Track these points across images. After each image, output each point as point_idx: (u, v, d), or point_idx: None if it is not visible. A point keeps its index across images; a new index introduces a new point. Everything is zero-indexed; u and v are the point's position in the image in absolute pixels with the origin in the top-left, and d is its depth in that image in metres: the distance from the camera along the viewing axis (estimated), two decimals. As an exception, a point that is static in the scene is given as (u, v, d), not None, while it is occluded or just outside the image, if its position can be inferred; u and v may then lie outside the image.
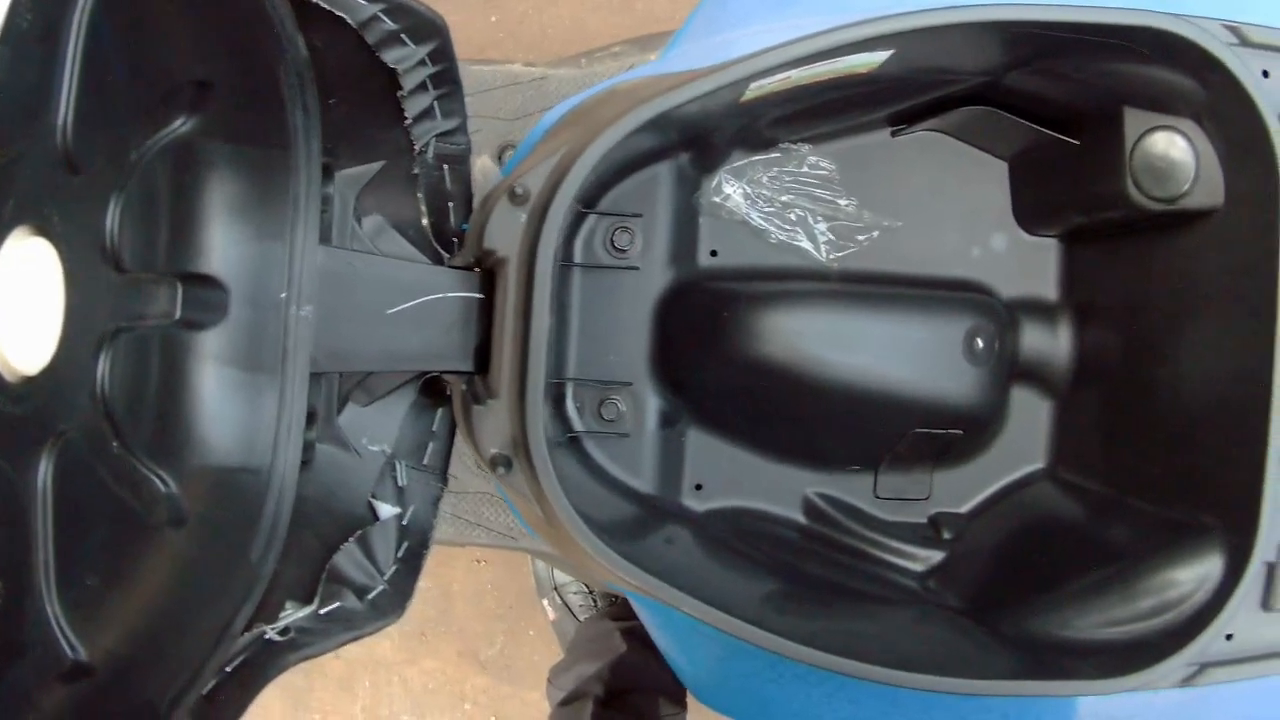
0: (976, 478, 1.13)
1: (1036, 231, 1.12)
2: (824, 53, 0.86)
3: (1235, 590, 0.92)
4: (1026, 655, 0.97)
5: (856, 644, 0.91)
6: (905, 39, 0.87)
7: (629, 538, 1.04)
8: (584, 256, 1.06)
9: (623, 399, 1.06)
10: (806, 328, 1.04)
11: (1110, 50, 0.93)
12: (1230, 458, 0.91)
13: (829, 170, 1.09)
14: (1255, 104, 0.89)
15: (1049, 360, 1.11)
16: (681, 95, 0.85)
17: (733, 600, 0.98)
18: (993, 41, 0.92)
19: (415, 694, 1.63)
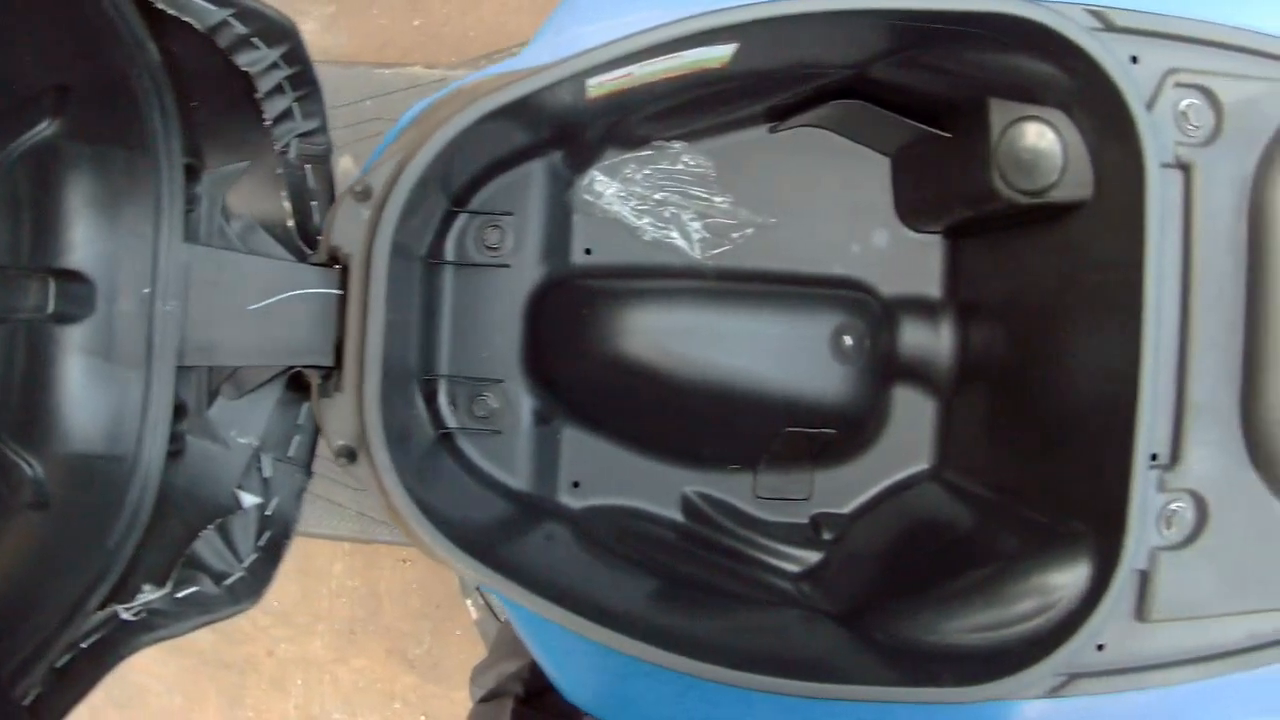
0: (859, 478, 1.11)
1: (919, 228, 1.10)
2: (655, 48, 0.86)
3: (1103, 598, 0.88)
4: (891, 660, 0.94)
5: (715, 644, 0.91)
6: (741, 31, 0.86)
7: (508, 535, 1.04)
8: (456, 254, 1.07)
9: (495, 396, 1.07)
10: (670, 325, 1.04)
11: (972, 39, 0.91)
12: (1101, 462, 0.89)
13: (705, 167, 1.08)
14: (1120, 91, 0.86)
15: (931, 359, 1.08)
16: (505, 96, 0.86)
17: (614, 599, 0.98)
18: (838, 32, 0.91)
19: (346, 692, 1.65)
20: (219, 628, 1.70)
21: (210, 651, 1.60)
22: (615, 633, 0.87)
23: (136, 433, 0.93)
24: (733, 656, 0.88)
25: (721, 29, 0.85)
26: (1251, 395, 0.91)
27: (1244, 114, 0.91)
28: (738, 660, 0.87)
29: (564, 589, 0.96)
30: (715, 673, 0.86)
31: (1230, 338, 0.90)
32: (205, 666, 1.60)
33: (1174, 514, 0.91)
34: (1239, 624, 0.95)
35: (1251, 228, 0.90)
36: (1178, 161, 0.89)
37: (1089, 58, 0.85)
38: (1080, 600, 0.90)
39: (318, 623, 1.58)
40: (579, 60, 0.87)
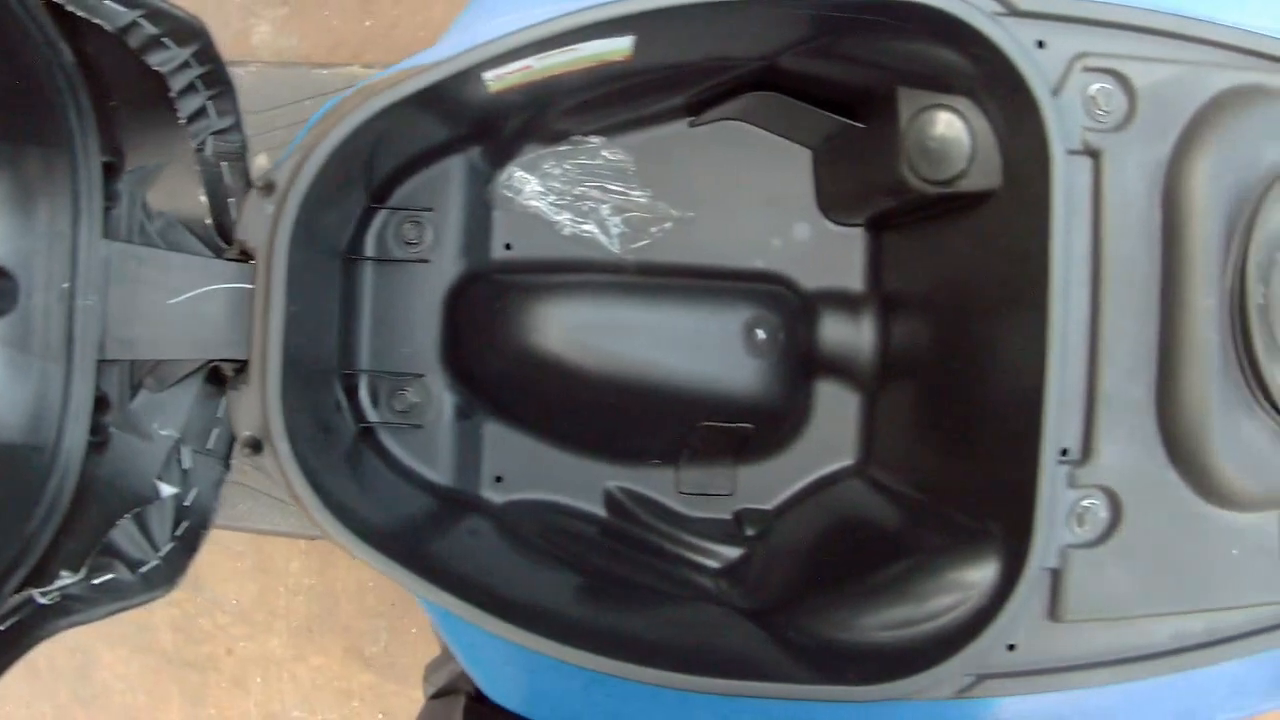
0: (783, 473, 1.10)
1: (840, 221, 1.08)
2: (544, 41, 0.86)
3: (1010, 597, 0.86)
4: (803, 658, 0.93)
5: (629, 640, 0.90)
6: (632, 24, 0.86)
7: (432, 530, 1.05)
8: (376, 250, 1.08)
9: (415, 390, 1.07)
10: (584, 319, 1.03)
11: (877, 27, 0.89)
12: (1012, 458, 0.87)
13: (624, 162, 1.08)
14: (1023, 77, 0.84)
15: (853, 354, 1.07)
16: (392, 96, 0.87)
17: (535, 594, 0.98)
18: (735, 23, 0.90)
19: (305, 690, 1.66)
20: (180, 626, 1.73)
21: (172, 650, 1.61)
22: (513, 625, 0.87)
23: (57, 424, 0.95)
24: (641, 652, 0.87)
25: (607, 22, 0.85)
26: (1167, 389, 0.88)
27: (1158, 98, 0.88)
28: (643, 656, 0.86)
29: (481, 584, 0.97)
30: (615, 667, 0.85)
31: (1144, 329, 0.87)
32: (168, 665, 1.62)
33: (1086, 511, 0.88)
34: (1163, 625, 0.92)
35: (1166, 215, 0.88)
36: (1086, 148, 0.87)
37: (990, 43, 0.83)
38: (989, 599, 0.88)
39: (275, 621, 1.60)
40: (467, 56, 0.87)
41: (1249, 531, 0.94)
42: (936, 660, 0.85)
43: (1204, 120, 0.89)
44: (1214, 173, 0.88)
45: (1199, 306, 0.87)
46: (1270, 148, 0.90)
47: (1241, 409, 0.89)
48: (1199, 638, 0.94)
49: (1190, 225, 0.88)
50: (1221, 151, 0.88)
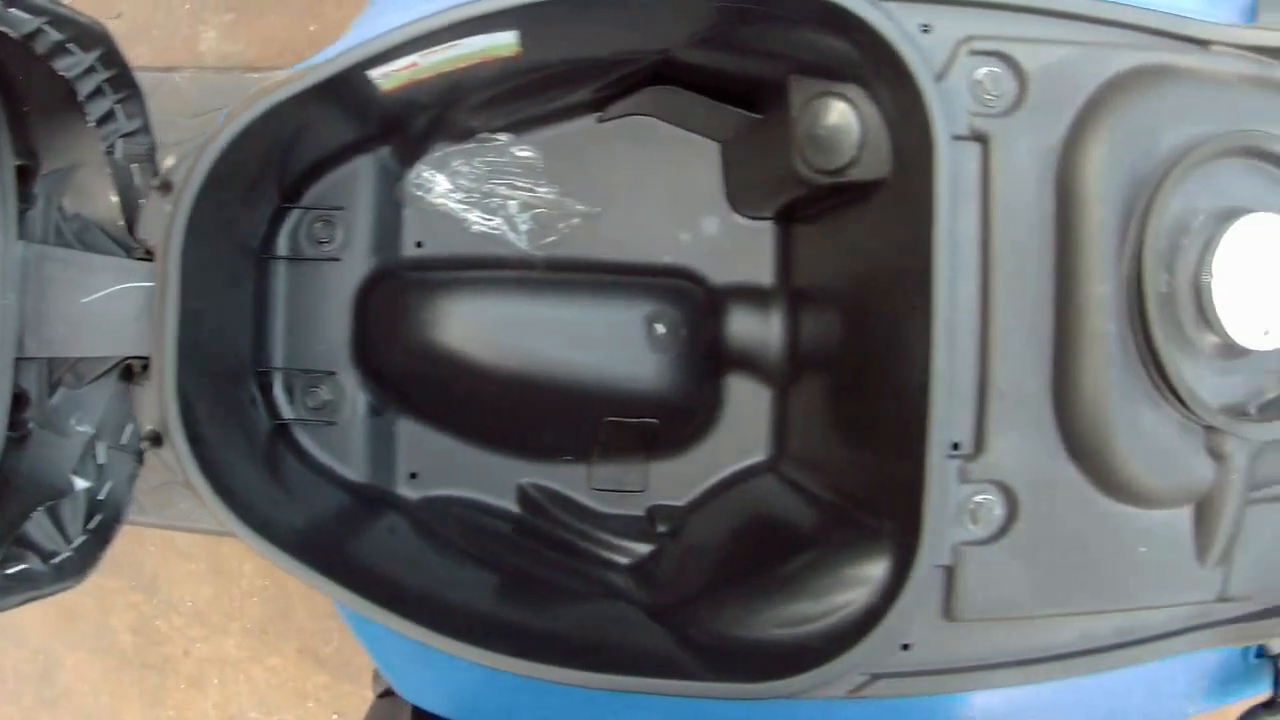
0: (696, 469, 1.09)
1: (748, 214, 1.07)
2: (420, 39, 0.86)
3: (900, 594, 0.84)
4: (701, 655, 0.92)
5: (528, 635, 0.91)
6: (504, 19, 0.86)
7: (350, 528, 1.05)
8: (289, 249, 1.08)
9: (328, 388, 1.08)
10: (488, 315, 1.03)
11: (765, 17, 0.88)
12: (903, 453, 0.84)
13: (532, 158, 1.08)
14: (905, 63, 0.82)
15: (762, 349, 1.05)
16: (276, 97, 0.87)
17: (449, 591, 0.98)
18: (613, 15, 0.89)
19: (261, 691, 1.67)
20: (139, 629, 1.75)
21: (131, 652, 1.64)
22: (410, 621, 0.87)
23: None
24: (543, 648, 0.86)
25: (479, 18, 0.84)
26: (1063, 381, 0.85)
27: (1051, 81, 0.85)
28: (544, 652, 0.86)
29: (396, 581, 0.97)
30: (510, 664, 0.85)
31: (1038, 320, 0.84)
32: (127, 667, 1.64)
33: (980, 507, 0.86)
34: (1069, 625, 0.89)
35: (1060, 202, 0.85)
36: (973, 133, 0.84)
37: (871, 29, 0.81)
38: (880, 597, 0.86)
39: (231, 622, 1.61)
40: (345, 57, 0.88)
41: (1158, 529, 0.91)
42: (827, 658, 0.83)
43: (1101, 103, 0.86)
44: (1109, 157, 0.85)
45: (1093, 295, 0.84)
46: (1171, 130, 0.87)
47: (1143, 401, 0.86)
48: (1109, 639, 0.91)
49: (1084, 211, 0.85)
50: (1118, 135, 0.85)
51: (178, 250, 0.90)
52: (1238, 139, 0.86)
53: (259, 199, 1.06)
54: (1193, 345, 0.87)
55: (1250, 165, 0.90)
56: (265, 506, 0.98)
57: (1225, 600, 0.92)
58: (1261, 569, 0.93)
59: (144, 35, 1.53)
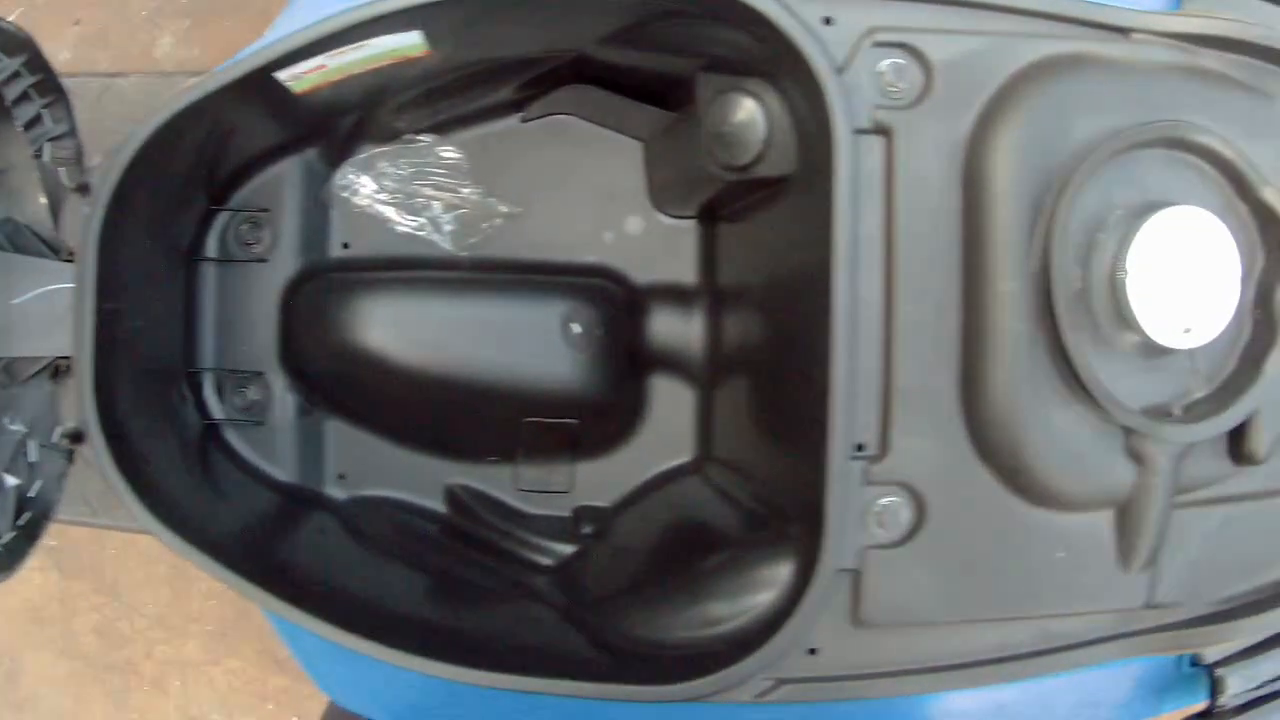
0: (622, 470, 1.08)
1: (671, 213, 1.05)
2: (322, 41, 0.85)
3: (804, 598, 0.82)
4: (614, 657, 0.91)
5: (453, 637, 0.91)
6: (400, 20, 0.85)
7: (281, 528, 1.06)
8: (218, 251, 1.09)
9: (256, 388, 1.08)
10: (408, 316, 1.03)
11: (671, 13, 0.87)
12: (810, 454, 0.82)
13: (457, 159, 1.07)
14: (804, 55, 0.80)
15: (685, 349, 1.04)
16: (175, 105, 0.87)
17: (377, 593, 0.98)
18: (515, 14, 0.88)
19: (222, 693, 1.67)
20: (102, 631, 1.77)
21: (94, 654, 1.65)
22: (323, 621, 0.87)
23: None
24: (460, 650, 0.86)
25: (374, 19, 0.84)
26: (971, 381, 0.83)
27: (957, 72, 0.83)
28: (461, 654, 0.85)
29: (321, 581, 0.97)
30: (423, 665, 0.84)
31: (944, 318, 0.82)
32: (91, 669, 1.65)
33: (886, 510, 0.83)
34: (986, 632, 0.86)
35: (967, 196, 0.83)
36: (876, 126, 0.82)
37: (768, 21, 0.80)
38: (785, 600, 0.84)
39: (191, 625, 1.62)
40: (250, 60, 0.87)
41: (1076, 533, 0.88)
42: (732, 661, 0.82)
43: (1010, 93, 0.83)
44: (1018, 149, 0.82)
45: (1000, 292, 0.82)
46: (1085, 121, 0.84)
47: (1055, 402, 0.83)
48: (1028, 646, 0.88)
49: (991, 206, 0.82)
50: (1027, 126, 0.82)
51: (94, 251, 0.91)
52: (1156, 130, 0.84)
53: (186, 201, 1.06)
54: (1110, 344, 0.84)
55: (1172, 157, 0.87)
56: (196, 506, 0.99)
57: (1153, 608, 0.89)
58: (1191, 576, 0.90)
59: (102, 42, 1.55)
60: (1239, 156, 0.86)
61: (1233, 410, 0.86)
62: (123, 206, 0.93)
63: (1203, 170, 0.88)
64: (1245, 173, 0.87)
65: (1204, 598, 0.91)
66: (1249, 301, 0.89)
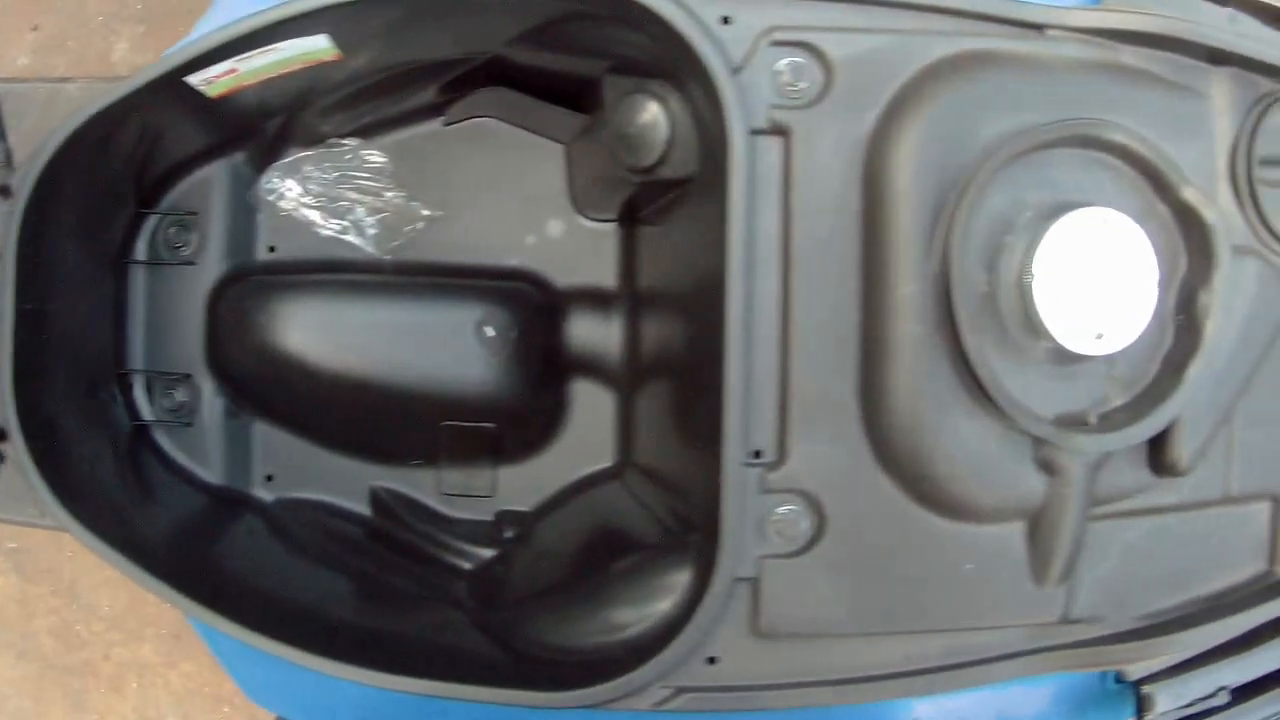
0: (544, 475, 1.07)
1: (592, 216, 1.04)
2: (230, 45, 0.85)
3: (700, 605, 0.80)
4: (519, 662, 0.90)
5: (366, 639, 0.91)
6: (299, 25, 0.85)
7: (211, 529, 1.06)
8: (148, 253, 1.09)
9: (184, 390, 1.08)
10: (321, 318, 1.03)
11: (569, 16, 0.86)
12: (709, 462, 0.81)
13: (381, 163, 1.07)
14: (698, 55, 0.78)
15: (604, 352, 1.03)
16: (83, 115, 0.87)
17: (302, 594, 0.98)
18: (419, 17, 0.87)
19: (178, 695, 1.67)
20: (60, 633, 1.77)
21: (54, 656, 1.65)
22: (228, 620, 0.87)
23: None
24: (370, 653, 0.85)
25: (276, 24, 0.84)
26: (871, 387, 0.81)
27: (859, 71, 0.81)
28: (370, 657, 0.84)
29: (241, 582, 0.97)
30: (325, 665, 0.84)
31: (843, 323, 0.80)
32: (51, 671, 1.65)
33: (784, 518, 0.81)
34: (893, 645, 0.84)
35: (867, 197, 0.81)
36: (773, 127, 0.80)
37: (664, 22, 0.78)
38: (683, 607, 0.83)
39: (146, 628, 1.62)
40: (156, 66, 0.87)
41: (986, 545, 0.85)
42: (630, 668, 0.80)
43: (914, 92, 0.81)
44: (920, 148, 0.80)
45: (900, 296, 0.79)
46: (991, 120, 0.81)
47: (959, 410, 0.81)
48: (937, 660, 0.85)
49: (891, 206, 0.80)
50: (931, 125, 0.80)
51: (13, 251, 0.91)
52: (1065, 128, 0.81)
53: (116, 204, 1.06)
54: (1021, 350, 0.81)
55: (1088, 157, 0.84)
56: (125, 508, 0.99)
57: (1071, 622, 0.86)
58: (1112, 590, 0.87)
59: (60, 47, 1.56)
60: (1158, 155, 0.83)
61: (1150, 419, 0.83)
62: (47, 208, 0.93)
63: (1120, 171, 0.85)
64: (1165, 172, 0.84)
65: (1128, 612, 0.88)
66: (1171, 306, 0.87)
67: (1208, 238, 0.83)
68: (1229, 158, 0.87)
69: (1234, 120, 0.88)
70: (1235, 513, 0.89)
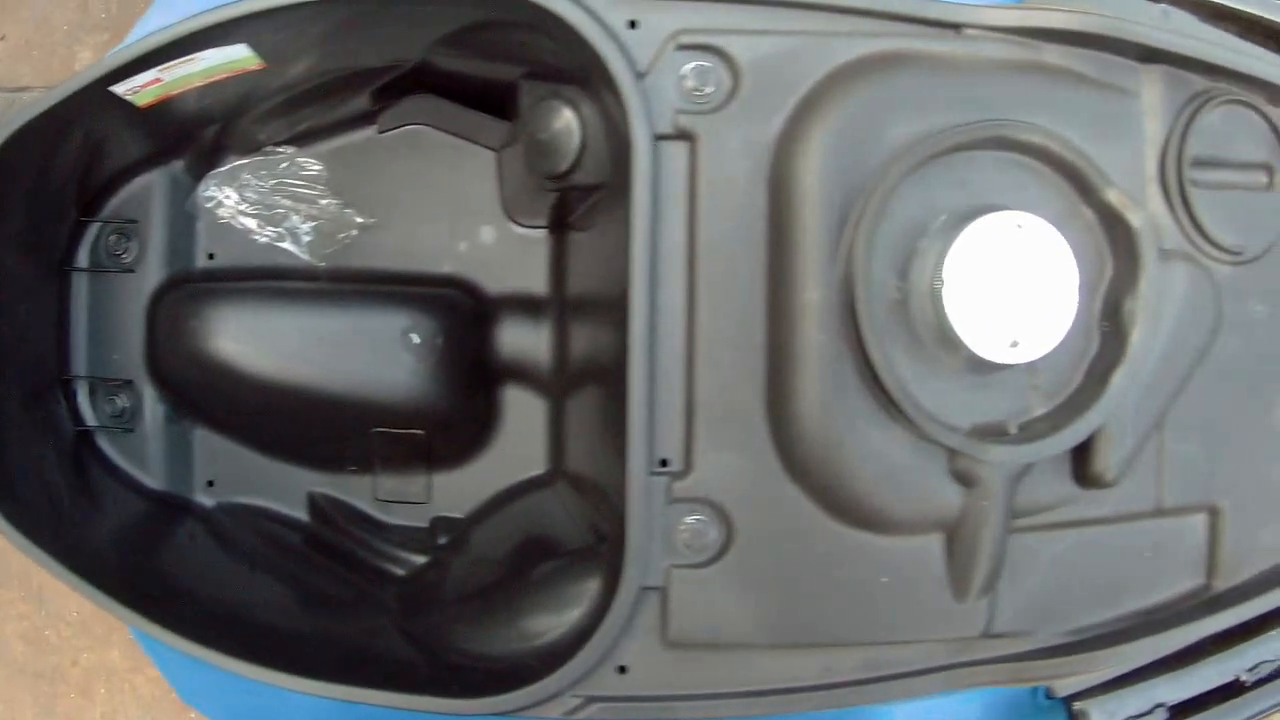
0: (477, 481, 1.07)
1: (523, 222, 1.03)
2: (148, 56, 0.86)
3: (607, 614, 0.79)
4: (437, 668, 0.90)
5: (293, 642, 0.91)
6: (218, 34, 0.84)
7: (154, 534, 1.06)
8: (89, 261, 1.09)
9: (126, 396, 1.08)
10: (255, 325, 1.03)
11: (482, 26, 0.85)
12: (620, 471, 0.79)
13: (317, 170, 1.07)
14: (603, 60, 0.77)
15: (534, 359, 1.02)
16: (8, 128, 0.87)
17: (239, 598, 0.98)
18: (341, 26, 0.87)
19: (145, 701, 1.67)
20: (29, 638, 1.79)
21: (23, 661, 1.66)
22: (159, 626, 0.87)
23: None
24: (300, 659, 0.85)
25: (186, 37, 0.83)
26: (777, 396, 0.79)
27: (766, 74, 0.80)
28: (299, 663, 0.84)
29: (181, 587, 0.97)
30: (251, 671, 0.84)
31: (749, 330, 0.79)
32: (20, 675, 1.66)
33: (692, 528, 0.80)
34: (809, 658, 0.82)
35: (773, 202, 0.79)
36: (678, 132, 0.79)
37: (567, 26, 0.77)
38: (593, 616, 0.82)
39: (113, 633, 1.62)
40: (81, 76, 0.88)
41: (901, 558, 0.83)
42: (541, 676, 0.79)
43: (821, 95, 0.79)
44: (827, 151, 0.78)
45: (805, 302, 0.78)
46: (903, 122, 0.79)
47: (869, 419, 0.79)
48: (855, 673, 0.83)
49: (796, 211, 0.78)
50: (839, 128, 0.79)
51: None
52: (978, 130, 0.79)
53: (59, 212, 1.07)
54: (936, 358, 0.79)
55: (1007, 159, 0.82)
56: (68, 515, 0.99)
57: (993, 637, 0.84)
58: (1038, 604, 0.84)
59: (26, 56, 1.57)
60: (1078, 157, 0.81)
61: (1071, 430, 0.80)
62: None
63: (1043, 174, 0.83)
64: (1086, 174, 0.81)
65: (1055, 627, 0.86)
66: (1096, 313, 0.84)
67: (1133, 241, 0.81)
68: (1159, 159, 0.85)
69: (1165, 120, 0.85)
70: (1169, 525, 0.87)
